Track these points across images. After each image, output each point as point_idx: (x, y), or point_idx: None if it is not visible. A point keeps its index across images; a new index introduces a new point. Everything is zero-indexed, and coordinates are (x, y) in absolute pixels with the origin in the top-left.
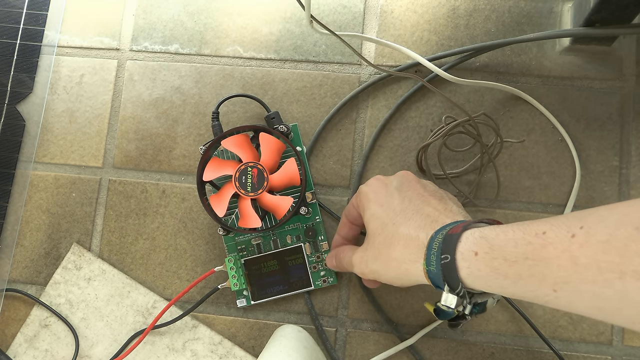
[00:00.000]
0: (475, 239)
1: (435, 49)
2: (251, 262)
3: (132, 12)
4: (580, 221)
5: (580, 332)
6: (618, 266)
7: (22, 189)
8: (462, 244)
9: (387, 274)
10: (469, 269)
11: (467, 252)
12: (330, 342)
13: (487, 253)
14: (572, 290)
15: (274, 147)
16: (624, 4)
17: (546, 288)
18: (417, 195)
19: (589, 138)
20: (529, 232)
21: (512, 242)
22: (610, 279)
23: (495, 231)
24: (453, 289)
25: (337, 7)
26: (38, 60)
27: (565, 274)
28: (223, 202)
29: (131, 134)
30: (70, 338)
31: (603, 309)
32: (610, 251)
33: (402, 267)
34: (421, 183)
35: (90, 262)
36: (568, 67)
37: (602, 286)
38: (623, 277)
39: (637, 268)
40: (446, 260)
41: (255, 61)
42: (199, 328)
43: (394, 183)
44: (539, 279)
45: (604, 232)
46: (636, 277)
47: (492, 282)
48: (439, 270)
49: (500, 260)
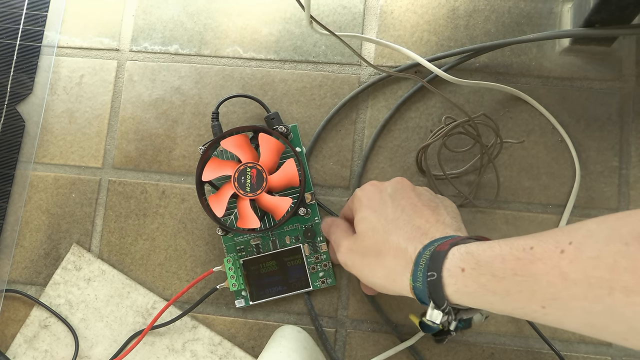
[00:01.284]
0: (462, 254)
1: (435, 50)
2: (250, 263)
3: (132, 12)
4: (569, 236)
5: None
6: (608, 282)
7: (21, 190)
8: (449, 260)
9: (373, 278)
10: (455, 285)
11: (454, 269)
12: (330, 342)
13: (473, 269)
14: (562, 306)
15: (273, 147)
16: (624, 5)
17: (535, 304)
18: (410, 205)
19: (588, 138)
20: (516, 247)
21: (500, 258)
22: (600, 295)
23: (482, 247)
24: (438, 305)
25: (336, 8)
26: (38, 60)
27: (555, 290)
28: (222, 202)
29: (131, 135)
30: (70, 339)
31: (593, 325)
32: (600, 267)
33: (390, 277)
34: (416, 191)
35: (89, 262)
36: (568, 67)
37: (592, 302)
38: (612, 292)
39: (626, 284)
40: (432, 278)
41: (255, 62)
42: (198, 328)
43: (389, 190)
44: (528, 296)
45: (594, 248)
46: (625, 293)
47: (479, 298)
48: (425, 287)
49: (488, 277)
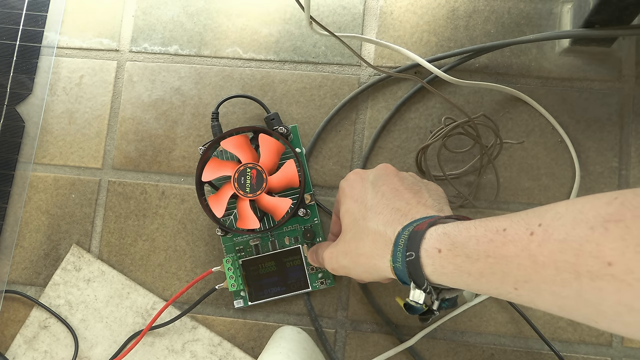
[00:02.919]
0: (439, 235)
1: (435, 50)
2: (249, 263)
3: (132, 13)
4: (539, 218)
5: (580, 334)
6: (574, 266)
7: (21, 190)
8: (426, 240)
9: (357, 269)
10: (432, 266)
11: (431, 249)
12: (329, 343)
13: (449, 250)
14: (532, 289)
15: (273, 148)
16: (624, 5)
17: (508, 286)
18: (391, 189)
19: (588, 139)
20: (490, 228)
21: (474, 239)
22: (567, 279)
23: (458, 227)
24: (419, 285)
25: (336, 9)
26: (37, 61)
27: (525, 272)
28: (222, 202)
29: (131, 135)
30: (69, 339)
31: (563, 307)
32: (566, 251)
33: (371, 262)
34: (399, 176)
35: (89, 263)
36: (567, 68)
37: (560, 286)
38: (579, 277)
39: (591, 269)
40: (411, 258)
41: (255, 62)
42: (198, 329)
43: (371, 177)
44: (500, 277)
45: (561, 231)
46: (591, 277)
47: (456, 278)
48: (404, 267)
49: (462, 258)
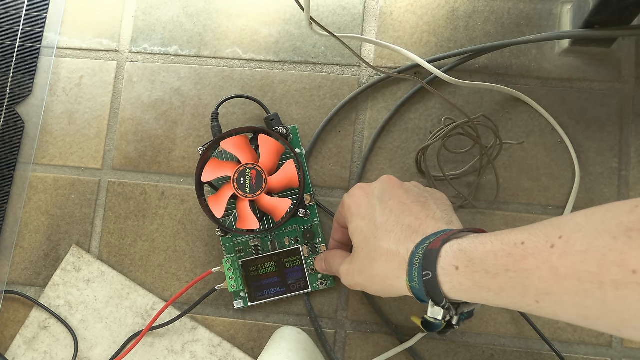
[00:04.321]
0: (455, 252)
1: (435, 51)
2: (249, 264)
3: (132, 13)
4: (559, 230)
5: (580, 334)
6: (597, 276)
7: (21, 191)
8: (442, 258)
9: (373, 287)
10: (451, 283)
11: (448, 267)
12: (329, 343)
13: (467, 267)
14: (554, 300)
15: (273, 149)
16: (623, 6)
17: (529, 299)
18: (399, 204)
19: (588, 140)
20: (507, 242)
21: (492, 255)
22: (590, 290)
23: (474, 243)
24: (437, 303)
25: (336, 9)
26: (37, 61)
27: (546, 285)
28: (221, 203)
29: (130, 136)
30: (69, 340)
31: (586, 318)
32: (589, 261)
33: (387, 283)
34: (404, 188)
35: (89, 263)
36: (567, 68)
37: (583, 296)
38: (602, 287)
39: (615, 277)
40: (428, 277)
41: (255, 63)
42: (198, 330)
43: (376, 192)
44: (521, 291)
45: (583, 242)
46: (615, 286)
47: (475, 294)
48: (422, 286)
49: (481, 274)
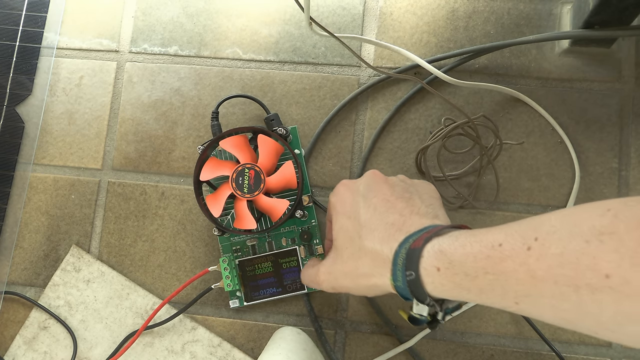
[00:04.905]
0: (436, 253)
1: (435, 51)
2: (245, 263)
3: (132, 13)
4: (534, 231)
5: (580, 334)
6: (573, 280)
7: (21, 191)
8: (425, 259)
9: (359, 289)
10: (433, 284)
11: (430, 268)
12: (329, 344)
13: (447, 269)
14: (533, 303)
15: (272, 149)
16: (623, 6)
17: (508, 301)
18: (382, 201)
19: (588, 140)
20: (485, 244)
21: (471, 257)
22: (567, 293)
23: (454, 245)
24: (421, 301)
25: (336, 9)
26: (37, 62)
27: (524, 287)
28: (219, 202)
29: (130, 136)
30: (69, 340)
31: (564, 320)
32: (564, 265)
33: (372, 282)
34: (389, 183)
35: (89, 264)
36: (567, 69)
37: (560, 299)
38: (578, 290)
39: (590, 282)
40: (411, 277)
41: (255, 63)
42: (197, 330)
43: (360, 189)
44: (501, 293)
45: (558, 245)
46: (590, 290)
47: (457, 294)
48: (406, 285)
49: (461, 276)
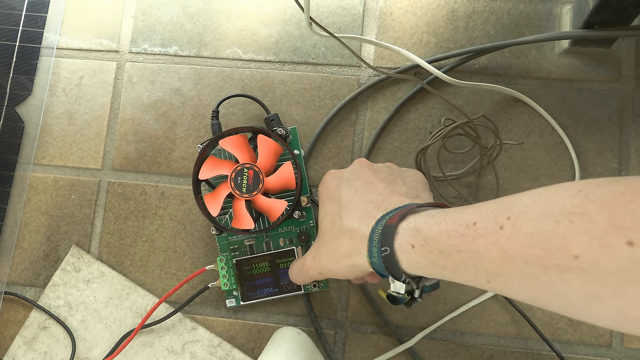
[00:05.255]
0: (411, 230)
1: (435, 51)
2: (243, 263)
3: (132, 14)
4: (508, 211)
5: (580, 334)
6: (542, 260)
7: (21, 191)
8: (400, 235)
9: (340, 270)
10: (408, 260)
11: (404, 245)
12: (329, 344)
13: (422, 246)
14: (504, 282)
15: (271, 149)
16: (623, 6)
17: (481, 279)
18: (364, 184)
19: (588, 140)
20: (460, 223)
21: (446, 235)
22: (537, 273)
23: (429, 223)
24: (397, 278)
25: (336, 9)
26: (37, 62)
27: (496, 266)
28: (217, 201)
29: (130, 136)
30: (69, 340)
31: (535, 299)
32: (534, 245)
33: (350, 260)
34: (373, 169)
35: (89, 264)
36: (567, 69)
37: (530, 279)
38: (547, 271)
39: (559, 262)
40: (386, 253)
41: (255, 63)
42: (197, 330)
43: (345, 175)
44: (473, 271)
45: (529, 225)
46: (559, 270)
47: (432, 271)
48: (381, 261)
49: (436, 253)
